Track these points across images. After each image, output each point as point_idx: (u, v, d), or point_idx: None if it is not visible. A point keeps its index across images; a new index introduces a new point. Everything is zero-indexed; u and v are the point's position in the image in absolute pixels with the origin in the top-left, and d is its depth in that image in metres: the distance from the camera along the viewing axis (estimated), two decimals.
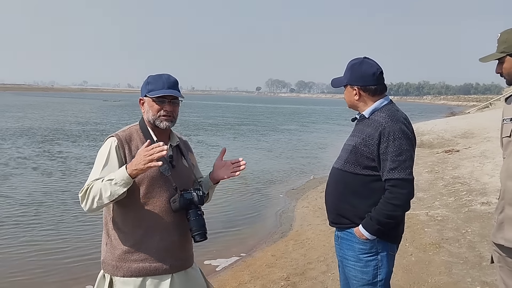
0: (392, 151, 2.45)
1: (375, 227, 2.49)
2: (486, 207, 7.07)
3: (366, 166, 2.53)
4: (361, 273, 2.58)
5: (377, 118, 2.56)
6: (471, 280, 4.58)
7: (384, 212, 2.47)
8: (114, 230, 2.32)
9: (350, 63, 2.68)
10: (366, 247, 2.56)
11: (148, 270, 2.27)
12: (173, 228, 2.32)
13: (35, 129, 21.96)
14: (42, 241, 6.67)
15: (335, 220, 2.71)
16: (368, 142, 2.51)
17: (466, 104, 79.60)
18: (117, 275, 2.28)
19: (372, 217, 2.49)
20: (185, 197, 2.27)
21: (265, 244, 6.71)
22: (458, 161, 11.59)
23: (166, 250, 2.30)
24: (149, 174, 2.25)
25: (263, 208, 9.06)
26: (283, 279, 5.02)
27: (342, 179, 2.62)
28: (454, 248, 5.51)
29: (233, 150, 17.19)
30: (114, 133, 2.34)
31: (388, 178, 2.46)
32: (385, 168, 2.47)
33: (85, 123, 27.17)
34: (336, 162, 2.71)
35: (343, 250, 2.66)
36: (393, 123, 2.51)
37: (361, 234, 2.53)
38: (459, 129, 18.22)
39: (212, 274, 5.53)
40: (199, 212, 2.30)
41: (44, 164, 12.66)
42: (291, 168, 13.80)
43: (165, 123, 2.31)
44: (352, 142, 2.60)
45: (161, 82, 2.31)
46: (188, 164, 2.47)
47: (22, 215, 7.80)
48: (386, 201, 2.47)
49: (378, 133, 2.49)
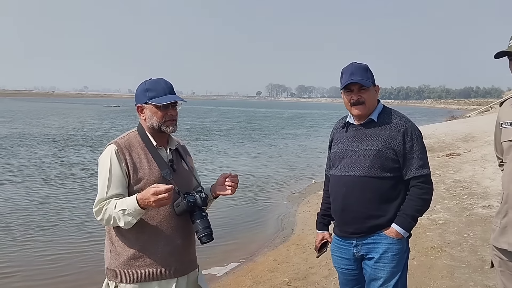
0: (418, 149, 2.56)
1: (411, 224, 2.57)
2: (487, 211, 7.06)
3: (391, 168, 2.55)
4: (392, 274, 2.58)
5: (391, 120, 2.60)
6: (473, 284, 4.58)
7: (417, 208, 2.56)
8: (117, 236, 2.32)
9: (363, 66, 2.65)
10: (401, 246, 2.59)
11: (153, 275, 2.28)
12: (177, 232, 2.34)
13: (46, 135, 21.98)
14: (44, 247, 6.67)
15: (361, 229, 2.62)
16: (392, 144, 2.54)
17: (467, 107, 79.56)
18: (123, 282, 2.28)
19: (407, 214, 2.55)
20: (189, 200, 2.27)
21: (267, 248, 6.71)
22: (459, 164, 11.58)
23: (170, 255, 2.32)
24: (151, 179, 2.26)
25: (264, 212, 9.07)
26: (285, 284, 5.02)
27: (368, 185, 2.57)
28: (456, 252, 5.50)
29: (236, 155, 17.22)
30: (113, 141, 2.35)
31: (418, 175, 2.54)
32: (411, 166, 2.55)
33: (91, 129, 27.19)
34: (350, 170, 2.62)
35: (373, 254, 2.60)
36: (411, 123, 2.63)
37: (397, 234, 2.55)
38: (460, 133, 18.22)
39: (214, 279, 5.53)
40: (203, 213, 2.31)
41: (54, 170, 12.67)
42: (292, 173, 13.80)
43: (171, 128, 2.35)
44: (372, 146, 2.57)
45: (161, 88, 2.33)
46: (188, 167, 2.49)
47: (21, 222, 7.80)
48: (417, 197, 2.55)
49: (401, 134, 2.55)
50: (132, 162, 2.27)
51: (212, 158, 16.11)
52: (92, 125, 31.00)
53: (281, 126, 37.55)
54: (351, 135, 2.68)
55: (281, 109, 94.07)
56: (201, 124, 36.20)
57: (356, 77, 2.59)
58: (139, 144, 2.35)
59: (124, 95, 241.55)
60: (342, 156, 2.68)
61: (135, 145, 2.34)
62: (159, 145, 2.38)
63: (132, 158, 2.29)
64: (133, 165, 2.27)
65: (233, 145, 21.09)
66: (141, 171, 2.28)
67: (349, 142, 2.67)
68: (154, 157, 2.32)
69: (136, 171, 2.28)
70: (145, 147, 2.34)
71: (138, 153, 2.31)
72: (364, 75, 2.61)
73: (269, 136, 26.77)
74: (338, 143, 2.75)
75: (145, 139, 2.36)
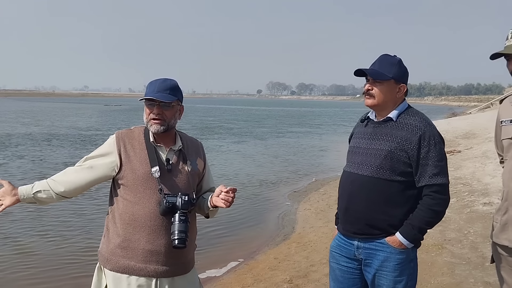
0: (434, 156, 2.38)
1: (416, 235, 2.41)
2: (488, 208, 7.07)
3: (402, 172, 2.40)
4: (395, 282, 2.46)
5: (411, 122, 2.44)
6: (474, 281, 4.59)
7: (426, 219, 2.39)
8: (111, 223, 2.39)
9: (391, 59, 2.51)
10: (403, 256, 2.45)
11: (132, 269, 2.29)
12: (162, 232, 2.31)
13: (58, 135, 22.00)
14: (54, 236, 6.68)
15: (362, 231, 2.50)
16: (406, 147, 2.39)
17: (468, 104, 79.51)
18: (106, 267, 2.34)
19: (414, 226, 2.39)
20: (168, 201, 2.26)
21: (268, 247, 6.71)
22: (460, 161, 11.59)
23: (151, 253, 2.30)
24: (139, 174, 2.31)
25: (265, 211, 9.06)
26: (286, 282, 5.02)
27: (375, 187, 2.44)
28: (457, 249, 5.51)
29: (237, 154, 17.22)
30: (116, 131, 2.45)
31: (431, 183, 2.37)
32: (425, 174, 2.38)
33: (96, 128, 27.21)
34: (359, 168, 2.51)
35: (373, 260, 2.49)
36: (431, 127, 2.45)
37: (399, 244, 2.42)
38: (461, 130, 18.24)
39: (215, 277, 5.54)
40: (182, 217, 2.25)
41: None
42: (293, 171, 13.79)
43: (154, 127, 2.32)
44: (385, 146, 2.44)
45: (154, 86, 2.34)
46: (190, 170, 2.43)
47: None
48: (428, 208, 2.38)
49: (418, 138, 2.38)
50: (126, 153, 2.34)
51: (214, 157, 16.10)
52: (94, 124, 31.01)
53: (286, 124, 37.35)
54: (369, 131, 2.56)
55: (282, 107, 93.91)
56: (203, 122, 36.23)
57: (375, 67, 2.48)
58: (139, 138, 2.38)
59: (124, 94, 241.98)
60: (355, 152, 2.59)
61: (135, 138, 2.38)
62: (158, 143, 2.38)
63: (126, 149, 2.34)
64: (127, 156, 2.33)
65: (236, 144, 21.06)
66: (133, 164, 2.32)
67: (365, 139, 2.56)
68: (148, 153, 2.34)
69: (129, 162, 2.32)
70: (144, 143, 2.37)
71: (133, 146, 2.36)
72: (385, 67, 2.47)
73: (273, 134, 26.72)
74: (355, 138, 2.65)
75: (146, 135, 2.39)
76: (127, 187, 2.32)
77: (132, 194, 2.31)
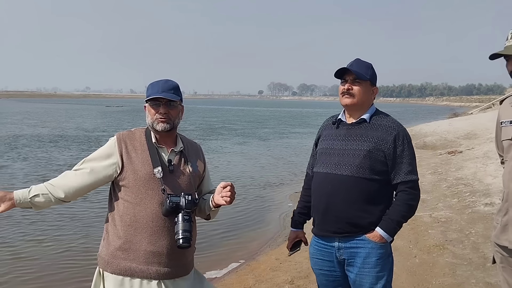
0: (408, 155, 2.53)
1: (396, 229, 2.53)
2: (489, 208, 7.06)
3: (379, 171, 2.51)
4: (377, 278, 2.53)
5: (384, 123, 2.57)
6: (476, 282, 4.58)
7: (403, 213, 2.53)
8: (110, 225, 2.37)
9: (366, 63, 2.61)
10: (384, 250, 2.55)
11: (134, 272, 2.28)
12: (164, 233, 2.31)
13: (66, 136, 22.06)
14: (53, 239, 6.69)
15: (343, 229, 2.55)
16: (383, 146, 2.50)
17: (469, 105, 79.38)
18: (107, 270, 2.32)
19: (392, 220, 2.51)
20: (171, 201, 2.26)
21: (269, 247, 6.72)
22: (461, 162, 11.57)
23: (153, 255, 2.30)
24: (141, 175, 2.30)
25: (266, 211, 9.07)
26: (287, 283, 5.03)
27: (355, 186, 2.51)
28: (458, 250, 5.51)
29: (239, 155, 17.22)
30: (117, 133, 2.44)
31: (406, 180, 2.52)
32: (400, 171, 2.52)
33: (102, 130, 27.25)
34: (337, 168, 2.55)
35: (356, 259, 2.55)
36: (403, 128, 2.60)
37: (381, 238, 2.51)
38: (462, 130, 18.20)
39: (217, 278, 5.54)
40: (186, 217, 2.25)
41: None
42: (294, 172, 13.79)
43: (161, 125, 2.34)
44: (362, 146, 2.52)
45: (157, 87, 2.36)
46: (192, 170, 2.44)
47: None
48: (404, 202, 2.53)
49: (393, 138, 2.51)
50: (127, 154, 2.33)
51: (217, 158, 16.11)
52: (99, 126, 31.04)
53: (289, 125, 37.31)
54: (342, 133, 2.62)
55: (284, 107, 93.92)
56: (207, 123, 36.29)
57: (353, 68, 2.55)
58: (140, 139, 2.39)
59: (126, 95, 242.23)
60: (329, 153, 2.62)
61: (136, 139, 2.38)
62: (160, 144, 2.39)
63: (127, 150, 2.33)
64: (129, 157, 2.32)
65: (239, 145, 21.05)
66: (134, 165, 2.31)
67: (339, 140, 2.61)
68: (150, 153, 2.34)
69: (130, 163, 2.32)
70: (146, 144, 2.37)
71: (135, 147, 2.35)
72: (362, 69, 2.57)
73: (276, 135, 26.72)
74: (326, 140, 2.68)
75: (147, 136, 2.40)
76: (128, 188, 2.31)
77: (134, 195, 2.31)
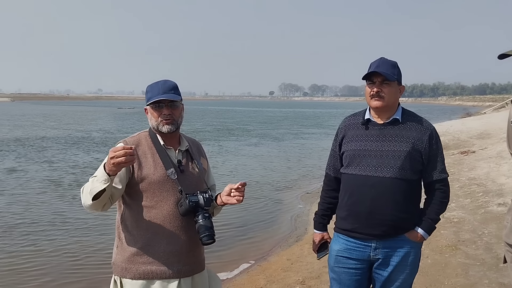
0: (440, 153, 2.59)
1: (434, 228, 2.62)
2: (502, 208, 6.99)
3: (417, 171, 2.54)
4: (411, 275, 2.61)
5: (417, 122, 2.58)
6: (488, 282, 4.55)
7: (440, 212, 2.60)
8: (124, 232, 2.37)
9: (391, 61, 2.58)
10: (419, 250, 2.65)
11: (155, 274, 2.30)
12: (181, 233, 2.35)
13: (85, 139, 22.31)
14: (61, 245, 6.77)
15: (386, 232, 2.53)
16: (420, 146, 2.52)
17: (482, 104, 78.55)
18: (126, 277, 2.32)
19: (432, 219, 2.58)
20: (190, 200, 2.28)
21: (280, 248, 6.73)
22: (474, 162, 11.46)
23: (173, 254, 2.33)
24: (156, 178, 2.31)
25: (278, 212, 9.08)
26: (298, 283, 5.04)
27: (399, 188, 2.49)
28: (471, 250, 5.47)
29: (250, 156, 17.25)
30: (122, 139, 2.42)
31: (440, 178, 2.57)
32: (435, 169, 2.56)
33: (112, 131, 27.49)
34: (378, 171, 2.51)
35: (393, 258, 2.55)
36: (433, 126, 2.64)
37: (421, 238, 2.57)
38: (475, 130, 18.04)
39: (228, 278, 5.57)
40: (206, 214, 2.30)
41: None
42: (305, 172, 13.79)
43: (166, 127, 2.35)
44: (401, 147, 2.50)
45: (157, 88, 2.36)
46: (198, 169, 2.48)
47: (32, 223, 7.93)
48: (440, 201, 2.59)
49: (427, 137, 2.54)
50: (138, 159, 2.31)
51: (231, 159, 16.16)
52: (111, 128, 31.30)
53: (302, 125, 37.07)
54: (374, 133, 2.57)
55: (296, 108, 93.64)
56: (222, 124, 36.43)
57: (381, 69, 2.51)
58: (147, 143, 2.39)
59: (138, 97, 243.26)
60: (364, 155, 2.55)
61: (143, 143, 2.39)
62: (167, 145, 2.41)
63: (138, 156, 2.32)
64: (139, 163, 2.31)
65: (254, 146, 21.06)
66: (146, 169, 2.32)
67: (372, 141, 2.55)
68: (160, 156, 2.36)
69: (141, 169, 2.32)
70: (153, 147, 2.38)
71: (144, 152, 2.35)
72: (389, 69, 2.53)
73: (290, 136, 26.64)
74: (355, 141, 2.60)
75: (154, 139, 2.40)
76: (143, 193, 2.32)
77: (149, 199, 2.32)
